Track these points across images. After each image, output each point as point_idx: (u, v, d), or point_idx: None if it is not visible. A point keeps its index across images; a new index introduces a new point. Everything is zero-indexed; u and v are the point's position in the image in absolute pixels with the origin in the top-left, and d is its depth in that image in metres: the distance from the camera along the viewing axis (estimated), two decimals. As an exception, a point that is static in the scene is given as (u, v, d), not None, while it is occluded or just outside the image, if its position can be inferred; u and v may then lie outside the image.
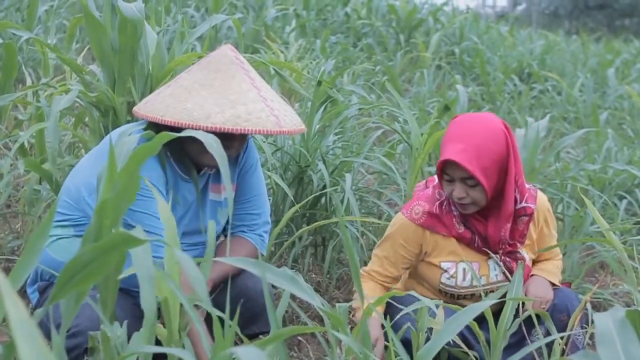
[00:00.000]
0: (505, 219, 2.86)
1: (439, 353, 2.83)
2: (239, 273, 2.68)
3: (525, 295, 2.86)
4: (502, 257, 2.92)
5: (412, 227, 2.90)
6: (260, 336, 2.77)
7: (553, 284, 2.98)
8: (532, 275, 2.98)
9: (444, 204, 2.90)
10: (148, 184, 2.00)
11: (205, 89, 2.46)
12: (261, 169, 2.92)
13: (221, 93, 2.44)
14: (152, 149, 1.82)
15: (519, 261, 2.88)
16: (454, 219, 2.89)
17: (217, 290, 2.55)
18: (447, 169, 2.77)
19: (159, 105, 2.49)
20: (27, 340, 0.90)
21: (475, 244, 2.90)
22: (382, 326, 2.74)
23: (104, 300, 1.93)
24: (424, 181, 3.07)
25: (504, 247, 2.90)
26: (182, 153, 2.59)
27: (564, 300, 2.92)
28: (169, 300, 1.90)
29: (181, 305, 1.87)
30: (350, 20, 10.23)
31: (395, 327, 2.73)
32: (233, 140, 2.52)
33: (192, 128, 2.36)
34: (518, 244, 2.92)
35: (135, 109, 2.60)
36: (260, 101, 2.46)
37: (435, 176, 2.95)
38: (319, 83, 4.11)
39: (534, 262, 3.04)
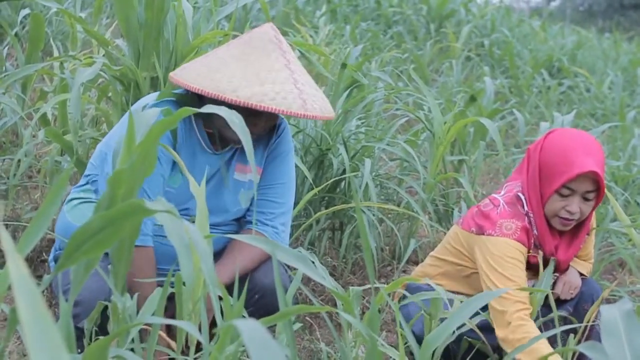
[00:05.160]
0: (582, 237, 2.89)
1: (459, 345, 2.84)
2: (255, 268, 2.67)
3: (556, 279, 2.92)
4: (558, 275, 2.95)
5: (515, 244, 2.79)
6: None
7: (581, 274, 3.02)
8: None
9: (530, 221, 2.86)
10: None
11: (238, 62, 2.46)
12: (294, 159, 2.86)
13: (252, 69, 2.44)
14: (171, 123, 1.82)
15: (551, 258, 2.86)
16: (532, 239, 2.86)
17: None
18: (572, 183, 2.74)
19: (192, 72, 2.51)
20: (26, 298, 0.90)
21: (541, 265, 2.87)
22: None
23: (116, 271, 1.94)
24: (486, 201, 2.93)
25: (564, 267, 2.93)
26: (209, 123, 2.60)
27: (589, 290, 2.98)
28: (195, 268, 1.91)
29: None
30: (381, 7, 10.19)
31: (408, 318, 2.75)
32: (259, 118, 2.51)
33: (218, 99, 2.38)
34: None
35: (171, 74, 2.61)
36: (290, 83, 2.43)
37: (495, 195, 2.91)
38: (344, 66, 4.10)
39: None
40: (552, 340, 2.73)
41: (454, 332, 2.07)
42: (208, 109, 1.88)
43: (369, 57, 6.31)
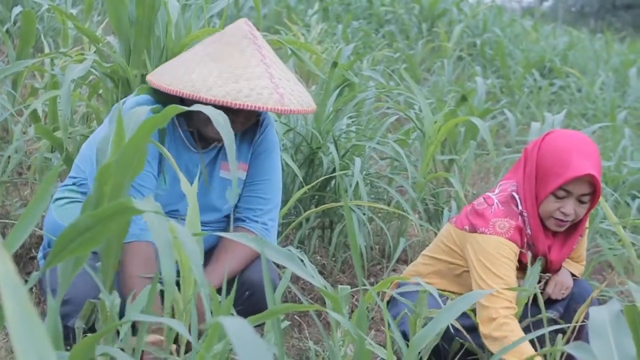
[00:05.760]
0: (576, 238, 2.89)
1: (450, 345, 2.85)
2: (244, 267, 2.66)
3: (548, 279, 2.93)
4: (551, 277, 2.95)
5: (508, 243, 2.78)
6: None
7: (573, 275, 3.03)
8: None
9: (524, 220, 2.86)
10: None
11: (214, 61, 2.45)
12: (280, 155, 2.85)
13: (227, 67, 2.43)
14: (160, 121, 1.82)
15: (538, 258, 2.86)
16: (525, 238, 2.86)
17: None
18: (568, 186, 2.73)
19: (168, 74, 2.51)
20: (13, 295, 0.90)
21: (529, 265, 2.87)
22: None
23: (105, 270, 1.93)
24: (480, 200, 2.91)
25: (556, 268, 2.94)
26: (191, 123, 2.59)
27: (581, 290, 2.98)
28: (185, 268, 1.91)
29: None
30: (373, 6, 10.19)
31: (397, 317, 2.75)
32: (237, 115, 2.49)
33: (193, 99, 2.37)
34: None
35: (148, 76, 2.61)
36: (266, 78, 2.42)
37: (489, 194, 2.91)
38: (335, 64, 4.10)
39: None
40: (541, 340, 2.74)
41: (445, 331, 2.08)
42: (195, 107, 1.88)
43: (361, 56, 6.32)
